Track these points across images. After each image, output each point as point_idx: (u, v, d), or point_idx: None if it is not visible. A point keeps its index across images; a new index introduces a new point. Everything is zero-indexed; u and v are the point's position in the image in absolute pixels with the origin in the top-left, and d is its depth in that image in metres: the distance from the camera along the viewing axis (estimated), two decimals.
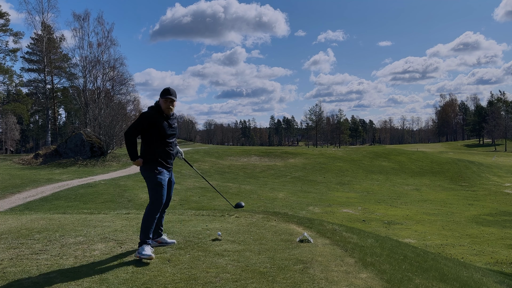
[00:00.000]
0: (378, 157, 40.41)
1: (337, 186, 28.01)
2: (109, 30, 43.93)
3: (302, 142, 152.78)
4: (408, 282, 3.75)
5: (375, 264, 4.13)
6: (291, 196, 21.99)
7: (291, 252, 4.37)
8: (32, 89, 50.71)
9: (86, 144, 30.32)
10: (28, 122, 69.33)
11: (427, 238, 13.81)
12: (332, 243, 4.93)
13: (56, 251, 4.38)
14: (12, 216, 6.99)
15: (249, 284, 3.38)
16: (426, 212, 19.71)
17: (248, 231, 5.46)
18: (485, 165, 39.26)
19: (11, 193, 17.49)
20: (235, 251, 4.40)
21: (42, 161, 28.96)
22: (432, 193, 26.95)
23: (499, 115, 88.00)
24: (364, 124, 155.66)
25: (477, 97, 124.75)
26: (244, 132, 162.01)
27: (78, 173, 24.32)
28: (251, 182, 26.40)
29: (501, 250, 12.25)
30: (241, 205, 6.13)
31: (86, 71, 43.14)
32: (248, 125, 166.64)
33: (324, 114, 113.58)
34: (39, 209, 12.93)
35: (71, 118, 79.67)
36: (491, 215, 19.19)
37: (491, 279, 6.14)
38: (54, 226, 5.75)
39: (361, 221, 16.30)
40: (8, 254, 4.25)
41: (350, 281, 3.51)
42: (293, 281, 3.46)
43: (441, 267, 5.44)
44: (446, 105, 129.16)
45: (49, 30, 45.79)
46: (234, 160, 35.73)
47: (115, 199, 16.27)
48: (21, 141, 77.01)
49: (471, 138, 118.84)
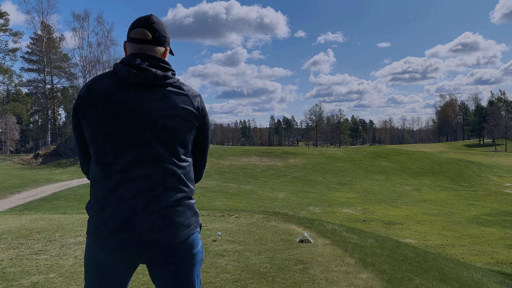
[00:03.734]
0: (378, 157, 40.39)
1: (337, 186, 28.00)
2: (109, 30, 43.88)
3: (302, 142, 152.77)
4: (408, 282, 3.74)
5: (375, 264, 4.12)
6: (291, 196, 21.98)
7: (291, 252, 4.37)
8: (32, 89, 50.68)
9: None
10: (28, 122, 69.33)
11: (427, 238, 13.80)
12: (332, 243, 4.93)
13: (56, 251, 4.37)
14: (12, 216, 6.98)
15: (249, 284, 3.37)
16: (426, 212, 19.70)
17: (248, 231, 5.46)
18: (485, 165, 39.24)
19: (11, 193, 17.48)
20: (235, 251, 4.39)
21: (42, 161, 28.96)
22: (432, 193, 26.94)
23: (499, 115, 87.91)
24: (364, 124, 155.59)
25: (477, 97, 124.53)
26: (244, 132, 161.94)
27: (77, 173, 24.31)
28: (251, 182, 26.39)
29: (501, 250, 12.24)
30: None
31: (86, 71, 43.13)
32: (248, 125, 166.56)
33: (324, 114, 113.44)
34: (39, 209, 12.92)
35: (71, 118, 79.61)
36: (491, 215, 19.18)
37: (491, 279, 6.13)
38: (54, 226, 5.74)
39: (361, 221, 16.29)
40: (8, 254, 4.24)
41: (350, 281, 3.50)
42: (293, 281, 3.45)
43: (441, 267, 5.43)
44: (446, 105, 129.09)
45: (48, 30, 45.81)
46: (234, 160, 35.72)
47: None
48: (20, 141, 76.99)
49: (472, 138, 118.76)
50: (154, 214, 1.50)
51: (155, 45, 1.62)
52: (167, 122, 1.54)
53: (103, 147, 1.52)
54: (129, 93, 1.54)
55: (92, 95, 1.55)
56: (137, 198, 1.49)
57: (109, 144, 1.52)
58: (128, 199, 1.49)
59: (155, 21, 1.63)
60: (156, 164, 1.53)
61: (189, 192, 1.61)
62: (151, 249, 1.52)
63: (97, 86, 1.56)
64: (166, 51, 1.67)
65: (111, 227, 1.49)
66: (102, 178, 1.52)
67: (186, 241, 1.58)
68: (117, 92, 1.53)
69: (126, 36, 1.66)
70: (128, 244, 1.50)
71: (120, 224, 1.49)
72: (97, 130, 1.53)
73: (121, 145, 1.51)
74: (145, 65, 1.55)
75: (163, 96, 1.56)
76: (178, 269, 1.60)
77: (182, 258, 1.59)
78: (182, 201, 1.57)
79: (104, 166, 1.52)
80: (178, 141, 1.57)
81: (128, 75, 1.53)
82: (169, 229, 1.52)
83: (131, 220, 1.49)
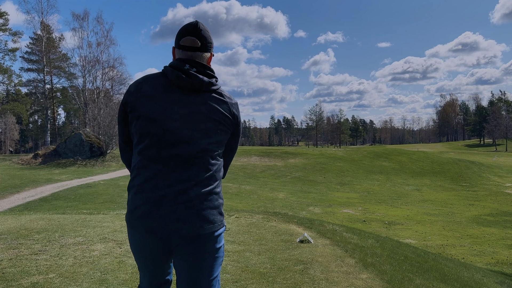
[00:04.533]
0: (379, 157, 40.39)
1: (338, 186, 27.99)
2: (108, 30, 43.95)
3: (302, 142, 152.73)
4: (409, 282, 3.73)
5: (375, 265, 4.11)
6: (291, 196, 21.97)
7: (291, 253, 4.35)
8: (31, 89, 50.65)
9: (85, 144, 30.30)
10: (27, 122, 69.33)
11: (428, 239, 13.79)
12: (332, 244, 4.91)
13: (56, 252, 4.35)
14: (11, 216, 6.96)
15: (249, 284, 3.36)
16: (427, 212, 19.69)
17: (248, 232, 5.44)
18: (486, 165, 39.23)
19: (10, 193, 17.47)
20: (235, 251, 4.38)
21: (41, 161, 28.95)
22: (432, 193, 26.93)
23: (500, 115, 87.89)
24: (364, 124, 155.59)
25: (478, 97, 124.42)
26: (244, 132, 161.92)
27: (77, 173, 24.31)
28: (251, 182, 26.38)
29: (501, 251, 12.23)
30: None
31: (86, 71, 43.14)
32: (248, 125, 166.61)
33: (324, 114, 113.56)
34: (38, 209, 12.91)
35: (70, 118, 79.63)
36: (491, 215, 19.17)
37: (492, 280, 6.11)
38: (54, 227, 5.73)
39: (362, 222, 16.29)
40: (8, 255, 4.22)
41: (350, 281, 3.49)
42: (293, 281, 3.44)
43: (441, 267, 5.42)
44: (446, 105, 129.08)
45: (48, 29, 45.81)
46: (234, 160, 35.71)
47: (114, 200, 16.24)
48: (20, 141, 76.98)
49: (472, 138, 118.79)
50: (181, 205, 1.63)
51: (203, 51, 1.76)
52: (207, 125, 1.69)
53: (146, 141, 1.69)
54: (176, 95, 1.68)
55: (141, 92, 1.70)
56: (168, 188, 1.64)
57: (153, 138, 1.67)
58: (160, 188, 1.64)
59: (202, 28, 1.76)
60: (191, 161, 1.67)
61: (217, 190, 1.73)
62: (174, 237, 1.65)
63: (147, 84, 1.71)
64: (211, 56, 1.81)
65: (141, 211, 1.65)
66: (142, 167, 1.69)
67: (209, 235, 1.68)
68: (165, 93, 1.68)
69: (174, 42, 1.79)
70: (154, 229, 1.64)
71: (149, 210, 1.64)
72: (143, 124, 1.68)
73: (163, 141, 1.67)
74: (193, 71, 1.69)
75: (206, 101, 1.70)
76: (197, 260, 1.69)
77: (203, 249, 1.68)
78: (210, 196, 1.69)
79: (145, 157, 1.69)
80: (214, 143, 1.72)
81: (176, 79, 1.68)
82: (194, 221, 1.64)
83: (159, 207, 1.63)
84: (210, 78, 1.72)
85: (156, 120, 1.66)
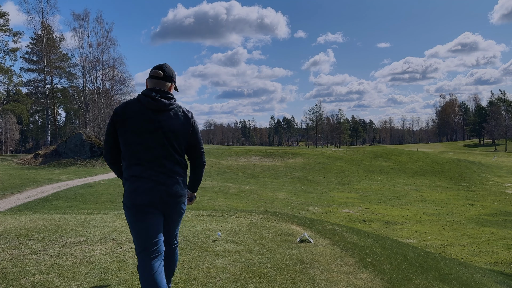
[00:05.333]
0: (378, 157, 40.39)
1: (337, 186, 28.00)
2: (108, 30, 43.82)
3: (302, 142, 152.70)
4: (408, 282, 3.74)
5: (375, 265, 4.12)
6: (291, 196, 21.98)
7: (291, 253, 4.36)
8: (32, 89, 50.65)
9: (85, 144, 30.31)
10: (28, 122, 69.30)
11: (427, 238, 13.80)
12: (332, 244, 4.92)
13: (56, 251, 4.37)
14: (11, 216, 6.98)
15: (249, 284, 3.37)
16: (426, 212, 19.70)
17: (248, 231, 5.46)
18: (485, 165, 39.24)
19: (10, 193, 17.48)
20: (235, 251, 4.39)
21: (41, 161, 28.95)
22: (432, 193, 26.94)
23: (499, 115, 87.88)
24: (364, 124, 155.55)
25: (477, 97, 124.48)
26: (244, 132, 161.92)
27: (77, 173, 24.31)
28: (251, 182, 26.38)
29: (501, 250, 12.24)
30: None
31: (86, 71, 43.09)
32: (248, 125, 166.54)
33: (324, 114, 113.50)
34: (38, 209, 12.92)
35: (71, 118, 79.61)
36: (491, 215, 19.18)
37: (491, 279, 6.12)
38: (54, 226, 5.74)
39: (361, 221, 16.29)
40: (8, 254, 4.24)
41: (350, 281, 3.50)
42: (293, 281, 3.45)
43: (441, 267, 5.43)
44: (446, 105, 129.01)
45: (48, 30, 45.78)
46: (234, 160, 35.71)
47: (114, 199, 16.25)
48: (20, 141, 76.95)
49: (472, 138, 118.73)
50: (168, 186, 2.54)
51: (165, 81, 2.60)
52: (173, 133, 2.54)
53: (134, 148, 2.51)
54: (149, 115, 2.51)
55: (126, 113, 2.51)
56: (158, 176, 2.52)
57: (139, 146, 2.50)
58: (153, 176, 2.51)
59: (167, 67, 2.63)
60: (168, 158, 2.55)
61: (184, 175, 2.66)
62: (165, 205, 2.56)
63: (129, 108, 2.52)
64: (172, 86, 2.65)
65: (144, 188, 2.48)
66: (135, 164, 2.51)
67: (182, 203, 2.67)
68: (142, 114, 2.50)
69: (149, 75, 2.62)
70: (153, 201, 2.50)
71: (150, 189, 2.49)
72: (130, 136, 2.50)
73: (147, 146, 2.51)
74: (158, 97, 2.53)
75: (170, 117, 2.55)
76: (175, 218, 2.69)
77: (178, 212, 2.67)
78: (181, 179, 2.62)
79: (137, 158, 2.51)
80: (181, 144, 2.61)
81: (147, 103, 2.51)
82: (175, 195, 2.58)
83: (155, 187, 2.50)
84: (169, 100, 2.54)
85: (137, 133, 2.48)
